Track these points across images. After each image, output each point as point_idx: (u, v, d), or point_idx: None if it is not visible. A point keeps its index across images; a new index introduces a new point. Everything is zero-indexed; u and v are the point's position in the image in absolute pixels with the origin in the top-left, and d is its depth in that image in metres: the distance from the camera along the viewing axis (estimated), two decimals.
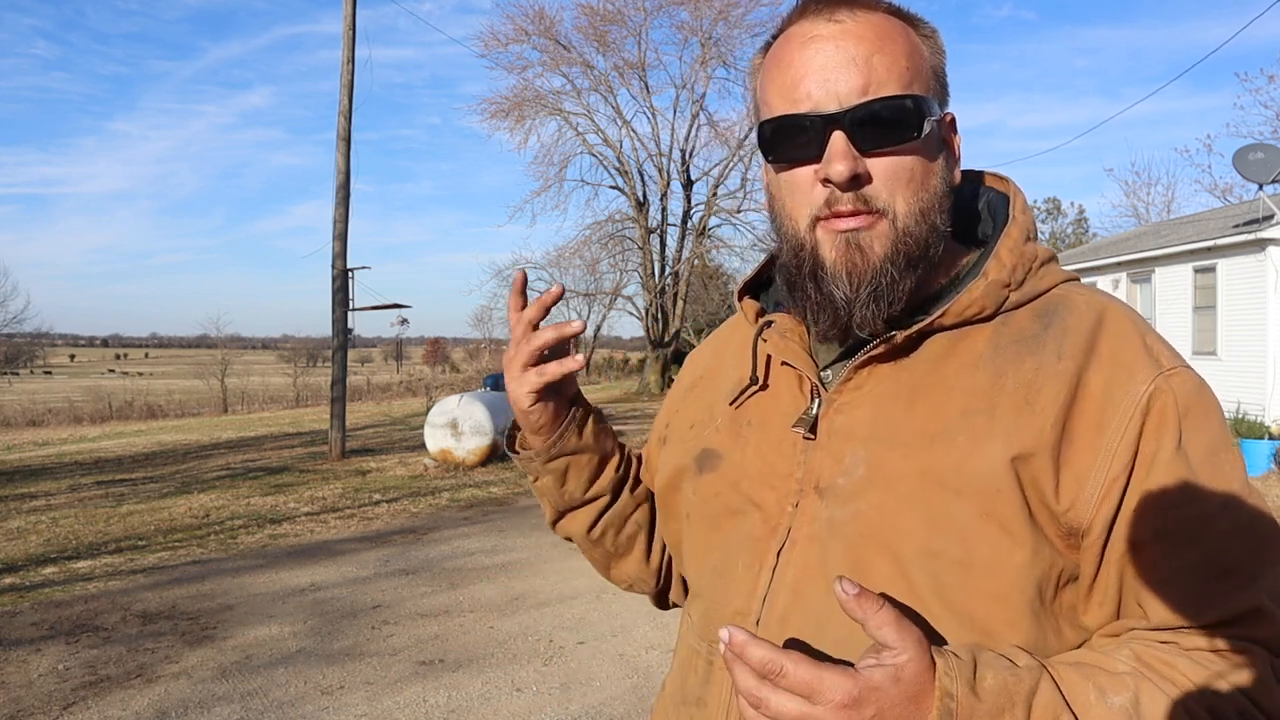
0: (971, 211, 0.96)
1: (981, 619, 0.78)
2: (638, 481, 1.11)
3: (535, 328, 0.95)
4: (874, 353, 0.84)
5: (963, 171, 0.95)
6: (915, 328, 0.83)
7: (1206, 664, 0.74)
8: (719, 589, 0.92)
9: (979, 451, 0.78)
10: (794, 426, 0.89)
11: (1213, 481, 0.77)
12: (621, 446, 1.10)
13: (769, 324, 0.95)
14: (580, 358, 0.93)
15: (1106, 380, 0.78)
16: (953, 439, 0.80)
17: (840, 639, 0.80)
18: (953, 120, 0.90)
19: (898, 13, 0.86)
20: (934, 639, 0.78)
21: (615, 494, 1.08)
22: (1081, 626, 0.81)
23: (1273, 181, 13.04)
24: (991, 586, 0.77)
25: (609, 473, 1.07)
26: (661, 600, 1.16)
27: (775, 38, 0.88)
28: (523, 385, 0.96)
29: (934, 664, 0.70)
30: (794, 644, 0.83)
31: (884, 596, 0.71)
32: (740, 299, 1.01)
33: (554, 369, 0.94)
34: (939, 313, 0.83)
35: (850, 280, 0.82)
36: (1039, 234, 0.92)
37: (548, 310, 0.94)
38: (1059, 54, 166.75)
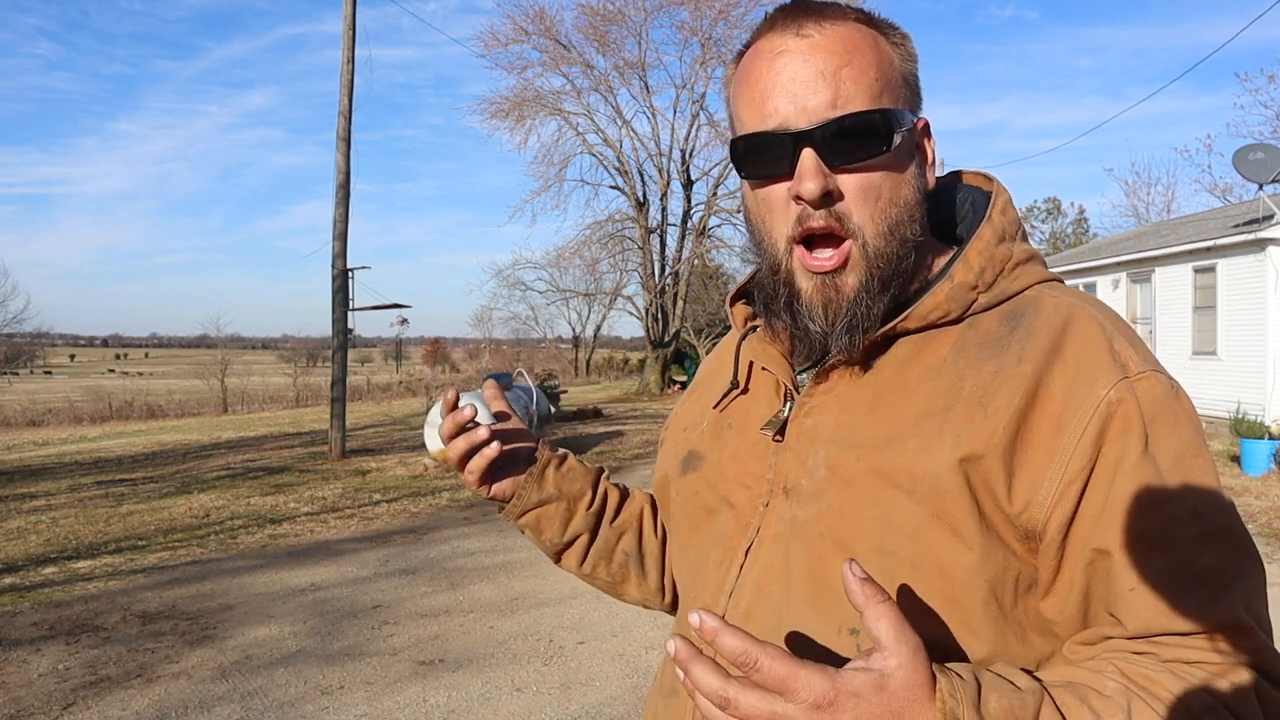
0: (955, 212, 0.96)
1: (935, 619, 0.78)
2: (617, 513, 1.14)
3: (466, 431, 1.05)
4: (838, 359, 0.86)
5: (953, 172, 0.97)
6: (877, 333, 0.84)
7: (1188, 677, 0.73)
8: (692, 584, 0.95)
9: (928, 454, 0.79)
10: (762, 429, 0.91)
11: (1183, 488, 0.75)
12: (596, 483, 1.13)
13: (754, 329, 0.98)
14: (483, 430, 1.02)
15: (1069, 384, 0.78)
16: (904, 442, 0.81)
17: (797, 640, 0.81)
18: (926, 125, 0.90)
19: (868, 20, 0.86)
20: None
21: (594, 530, 1.12)
22: (1054, 636, 0.80)
23: (1273, 181, 13.04)
24: (943, 587, 0.78)
25: (580, 513, 1.11)
26: (677, 610, 1.17)
27: (746, 49, 0.88)
28: (469, 484, 1.07)
29: (932, 680, 0.66)
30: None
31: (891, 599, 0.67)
32: (732, 305, 1.03)
33: (476, 462, 1.04)
34: (901, 317, 0.85)
35: (826, 315, 0.84)
36: (1026, 233, 0.92)
37: (455, 419, 1.04)
38: (1062, 54, 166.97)
